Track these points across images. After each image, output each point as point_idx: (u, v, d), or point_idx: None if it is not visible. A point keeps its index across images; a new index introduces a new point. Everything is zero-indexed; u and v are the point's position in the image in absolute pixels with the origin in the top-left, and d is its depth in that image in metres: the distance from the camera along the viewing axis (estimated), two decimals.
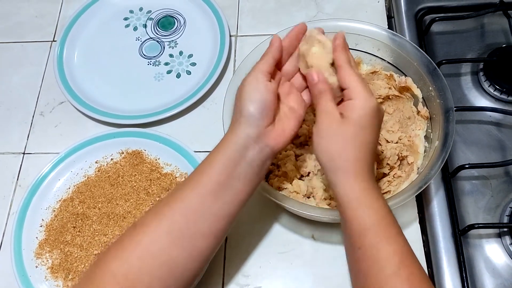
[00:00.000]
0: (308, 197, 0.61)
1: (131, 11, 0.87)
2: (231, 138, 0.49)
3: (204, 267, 0.52)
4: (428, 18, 0.79)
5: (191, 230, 0.48)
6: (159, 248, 0.47)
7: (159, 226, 0.48)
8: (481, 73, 0.73)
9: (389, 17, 0.83)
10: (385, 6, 0.83)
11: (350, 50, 0.67)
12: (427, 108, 0.63)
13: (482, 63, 0.73)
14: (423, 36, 0.78)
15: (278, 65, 0.53)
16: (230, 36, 0.81)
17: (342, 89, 0.50)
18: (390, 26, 0.81)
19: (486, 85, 0.72)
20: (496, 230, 0.63)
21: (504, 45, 0.75)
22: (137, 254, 0.47)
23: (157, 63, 0.81)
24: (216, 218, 0.49)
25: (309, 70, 0.51)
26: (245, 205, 0.52)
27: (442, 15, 0.78)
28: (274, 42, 0.52)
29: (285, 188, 0.61)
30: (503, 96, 0.71)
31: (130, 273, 0.46)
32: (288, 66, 0.54)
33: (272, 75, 0.52)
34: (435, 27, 0.78)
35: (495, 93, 0.71)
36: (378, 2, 0.83)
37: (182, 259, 0.48)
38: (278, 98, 0.52)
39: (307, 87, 0.54)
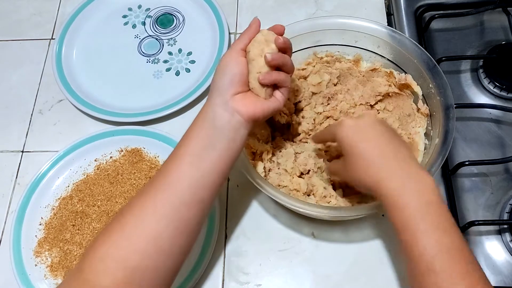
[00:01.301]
0: (308, 195, 0.61)
1: (130, 9, 0.86)
2: (202, 110, 0.53)
3: (192, 242, 0.51)
4: (427, 15, 0.79)
5: (174, 202, 0.49)
6: (145, 226, 0.47)
7: (144, 205, 0.49)
8: (480, 70, 0.73)
9: (389, 15, 0.82)
10: (385, 3, 0.83)
11: (350, 47, 0.68)
12: (427, 105, 0.63)
13: (482, 60, 0.73)
14: (422, 34, 0.77)
15: None
16: (229, 33, 0.81)
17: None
18: (389, 24, 0.81)
19: (485, 82, 0.72)
20: (496, 227, 0.63)
21: (503, 42, 0.75)
22: (124, 235, 0.47)
23: (156, 60, 0.81)
24: (197, 188, 0.50)
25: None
26: (245, 203, 0.52)
27: (441, 12, 0.78)
28: (253, 23, 0.54)
29: (285, 186, 0.61)
30: (503, 93, 0.71)
31: (118, 255, 0.46)
32: None
33: None
34: (435, 24, 0.78)
35: (495, 90, 0.71)
36: None
37: (169, 233, 0.48)
38: None
39: None
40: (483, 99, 0.72)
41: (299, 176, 0.62)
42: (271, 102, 0.54)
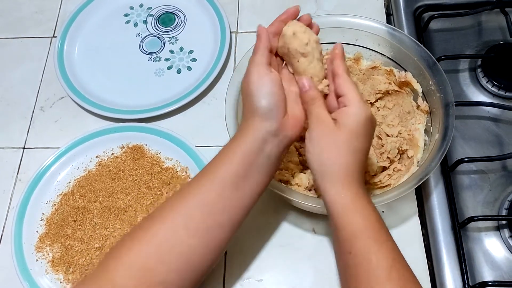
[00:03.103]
0: (310, 190, 0.61)
1: (131, 8, 0.87)
2: (248, 133, 0.49)
3: (218, 260, 0.52)
4: (426, 15, 0.80)
5: (208, 222, 0.48)
6: (176, 240, 0.47)
7: (175, 218, 0.48)
8: (479, 70, 0.74)
9: (388, 15, 0.83)
10: (384, 3, 0.84)
11: (350, 45, 0.69)
12: (427, 103, 0.64)
13: (480, 59, 0.74)
14: (421, 33, 0.78)
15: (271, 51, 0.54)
16: (231, 32, 0.82)
17: (337, 97, 0.51)
18: (388, 24, 0.81)
19: (484, 81, 0.73)
20: (495, 223, 0.64)
21: (501, 42, 0.76)
22: (154, 245, 0.47)
23: (157, 58, 0.81)
24: (234, 210, 0.49)
25: (300, 77, 0.51)
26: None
27: (440, 12, 0.78)
28: (261, 33, 0.52)
29: (287, 181, 0.61)
30: (501, 92, 0.72)
31: (147, 264, 0.46)
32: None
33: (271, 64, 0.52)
34: (433, 25, 0.79)
35: (493, 89, 0.72)
36: None
37: (200, 250, 0.48)
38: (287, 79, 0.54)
39: None
40: (481, 98, 0.73)
41: (301, 171, 0.62)
42: (301, 106, 0.52)
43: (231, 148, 0.50)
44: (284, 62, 0.55)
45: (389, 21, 0.83)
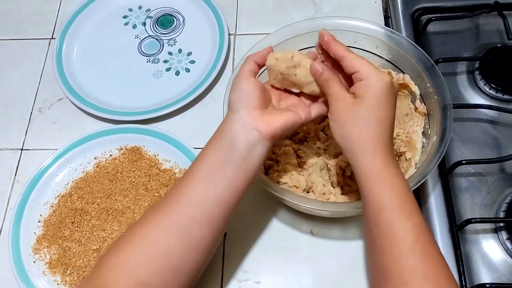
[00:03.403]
0: (308, 192, 0.61)
1: (130, 9, 0.87)
2: (219, 128, 0.52)
3: (205, 260, 0.52)
4: (424, 18, 0.80)
5: (185, 219, 0.48)
6: (155, 241, 0.48)
7: (154, 220, 0.49)
8: (476, 72, 0.74)
9: (386, 17, 0.84)
10: (382, 6, 0.84)
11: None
12: (425, 105, 0.64)
13: (478, 62, 0.74)
14: (419, 36, 0.79)
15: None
16: (229, 34, 0.82)
17: (350, 75, 0.50)
18: (387, 26, 0.81)
19: (481, 83, 0.73)
20: (492, 226, 0.64)
21: (499, 45, 0.76)
22: (135, 248, 0.48)
23: (156, 60, 0.81)
24: (210, 206, 0.49)
25: (313, 62, 0.52)
26: (244, 201, 0.52)
27: (438, 15, 0.79)
28: (263, 52, 0.55)
29: (285, 183, 0.61)
30: (498, 95, 0.72)
31: (128, 267, 0.47)
32: None
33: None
34: (431, 27, 0.79)
35: (491, 91, 0.72)
36: (375, 2, 0.84)
37: (179, 249, 0.48)
38: (279, 99, 0.55)
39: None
40: (479, 100, 0.73)
41: (299, 173, 0.62)
42: (289, 115, 0.52)
43: (207, 145, 0.51)
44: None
45: (387, 24, 0.83)
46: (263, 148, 0.50)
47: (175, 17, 0.86)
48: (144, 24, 0.85)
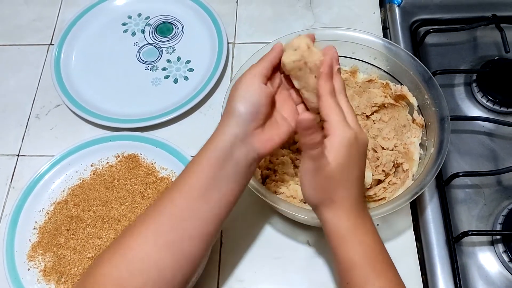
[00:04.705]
0: (305, 202, 0.61)
1: (129, 17, 0.87)
2: (218, 137, 0.49)
3: (198, 270, 0.51)
4: (422, 30, 0.81)
5: (178, 233, 0.47)
6: (147, 252, 0.47)
7: (147, 229, 0.48)
8: (474, 84, 0.74)
9: (384, 28, 0.84)
10: (381, 17, 0.85)
11: (347, 58, 0.69)
12: (422, 116, 0.64)
13: (475, 74, 0.75)
14: (417, 48, 0.79)
15: (280, 70, 0.54)
16: (228, 43, 0.82)
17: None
18: (385, 37, 0.82)
19: (479, 96, 0.73)
20: (489, 238, 0.64)
21: (496, 58, 0.76)
22: (127, 258, 0.47)
23: (154, 68, 0.82)
24: (203, 220, 0.48)
25: (302, 115, 0.46)
26: (240, 211, 0.51)
27: (436, 27, 0.79)
28: (276, 47, 0.52)
29: (282, 193, 0.61)
30: (496, 107, 0.72)
31: (121, 277, 0.46)
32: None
33: (271, 79, 0.52)
34: (429, 39, 0.79)
35: (488, 104, 0.73)
36: (374, 13, 0.85)
37: (171, 262, 0.47)
38: (273, 103, 0.52)
39: (303, 102, 0.55)
40: (476, 112, 0.73)
41: (296, 183, 0.62)
42: (285, 131, 0.52)
43: (202, 154, 0.49)
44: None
45: (385, 35, 0.83)
46: (256, 165, 0.51)
47: (174, 25, 0.86)
48: (143, 31, 0.86)
